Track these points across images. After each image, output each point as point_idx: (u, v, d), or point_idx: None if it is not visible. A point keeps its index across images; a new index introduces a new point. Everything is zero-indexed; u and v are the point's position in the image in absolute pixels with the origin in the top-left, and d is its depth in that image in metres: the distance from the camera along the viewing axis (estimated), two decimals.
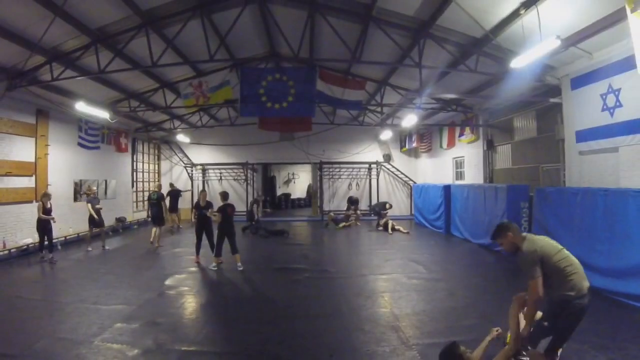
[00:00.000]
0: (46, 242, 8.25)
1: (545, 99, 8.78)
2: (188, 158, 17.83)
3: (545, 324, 3.04)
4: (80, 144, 11.75)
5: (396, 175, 18.18)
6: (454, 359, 3.05)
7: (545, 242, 3.19)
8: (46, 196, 8.38)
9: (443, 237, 11.48)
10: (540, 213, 7.09)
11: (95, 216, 9.63)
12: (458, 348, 3.10)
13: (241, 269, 7.47)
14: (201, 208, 8.13)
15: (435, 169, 16.29)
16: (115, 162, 14.10)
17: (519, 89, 9.16)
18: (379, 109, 13.86)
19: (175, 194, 14.31)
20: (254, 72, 10.18)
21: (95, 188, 11.07)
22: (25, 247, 9.02)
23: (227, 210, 7.71)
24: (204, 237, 8.16)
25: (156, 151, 17.55)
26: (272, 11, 8.21)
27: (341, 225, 13.83)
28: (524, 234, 3.31)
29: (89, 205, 9.62)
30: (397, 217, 13.90)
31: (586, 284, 3.05)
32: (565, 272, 3.00)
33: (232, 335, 4.45)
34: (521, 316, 3.32)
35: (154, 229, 10.22)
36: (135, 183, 15.41)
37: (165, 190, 13.15)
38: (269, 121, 11.91)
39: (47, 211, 8.20)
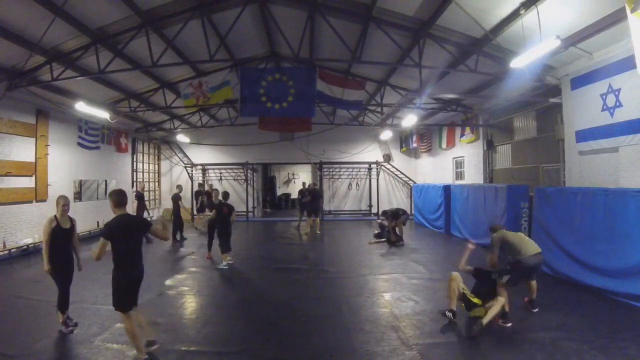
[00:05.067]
0: None
1: (545, 99, 8.77)
2: (188, 158, 17.82)
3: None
4: (80, 144, 11.74)
5: (396, 175, 18.18)
6: None
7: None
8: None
9: (443, 237, 11.47)
10: (540, 213, 7.08)
11: None
12: None
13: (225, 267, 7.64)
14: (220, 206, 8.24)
15: (435, 169, 16.28)
16: (115, 162, 14.09)
17: (519, 89, 9.16)
18: (379, 109, 13.86)
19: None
20: (254, 72, 10.18)
21: None
22: (25, 247, 9.02)
23: (223, 209, 7.87)
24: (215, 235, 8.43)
25: (156, 151, 17.55)
26: (272, 11, 8.21)
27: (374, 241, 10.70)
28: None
29: None
30: None
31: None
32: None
33: (232, 335, 4.45)
34: None
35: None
36: (135, 183, 15.40)
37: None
38: (269, 121, 11.91)
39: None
